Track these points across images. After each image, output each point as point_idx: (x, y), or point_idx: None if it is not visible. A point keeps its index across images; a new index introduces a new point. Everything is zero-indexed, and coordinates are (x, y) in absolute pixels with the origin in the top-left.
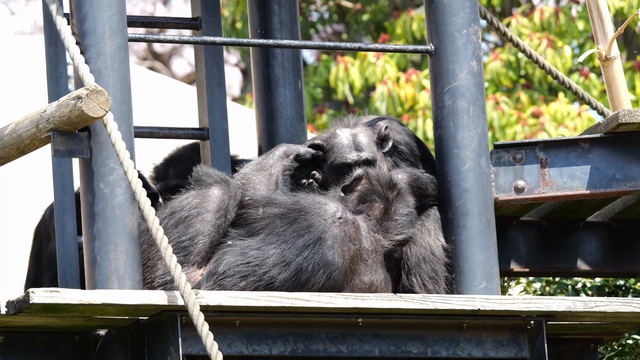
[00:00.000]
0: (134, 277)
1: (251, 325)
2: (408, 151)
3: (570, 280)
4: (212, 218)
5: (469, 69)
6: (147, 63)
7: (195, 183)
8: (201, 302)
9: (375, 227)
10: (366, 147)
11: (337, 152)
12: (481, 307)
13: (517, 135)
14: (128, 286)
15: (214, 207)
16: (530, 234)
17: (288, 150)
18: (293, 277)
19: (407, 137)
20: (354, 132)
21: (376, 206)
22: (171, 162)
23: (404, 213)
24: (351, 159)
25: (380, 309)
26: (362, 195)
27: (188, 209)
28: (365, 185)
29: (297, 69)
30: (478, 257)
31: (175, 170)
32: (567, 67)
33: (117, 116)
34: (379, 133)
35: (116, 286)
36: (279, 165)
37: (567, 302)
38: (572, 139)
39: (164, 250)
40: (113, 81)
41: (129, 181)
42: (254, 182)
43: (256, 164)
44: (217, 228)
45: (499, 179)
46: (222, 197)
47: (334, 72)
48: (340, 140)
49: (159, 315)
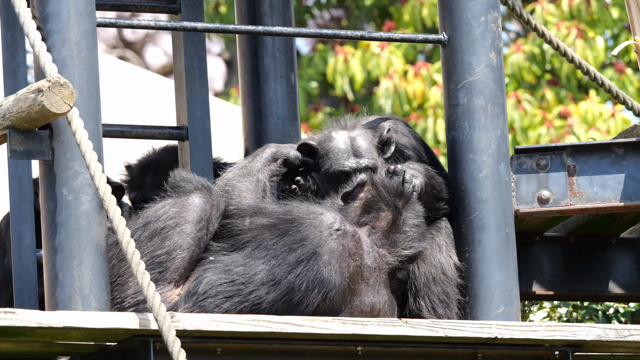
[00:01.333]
0: (101, 296)
1: (235, 354)
2: (415, 157)
3: (601, 305)
4: (192, 230)
5: (487, 61)
6: (118, 52)
7: (173, 190)
8: (178, 326)
9: (380, 241)
10: (366, 152)
11: (332, 158)
12: (498, 335)
13: (541, 139)
14: (94, 307)
15: (194, 217)
16: (555, 252)
17: (277, 153)
18: (284, 298)
19: (414, 140)
20: (352, 135)
21: (383, 216)
22: (149, 168)
23: (414, 224)
24: (349, 167)
25: (383, 336)
26: (366, 204)
27: (164, 219)
28: (371, 192)
29: (290, 60)
30: (495, 278)
31: (153, 178)
32: (600, 61)
33: (83, 112)
34: (381, 136)
35: (80, 307)
36: (266, 170)
37: (597, 330)
38: (605, 144)
39: (135, 266)
40: (79, 72)
41: (96, 187)
42: (239, 188)
43: (241, 168)
44: (198, 242)
45: (520, 188)
46: (203, 206)
47: (331, 64)
48: (336, 144)
49: (129, 340)
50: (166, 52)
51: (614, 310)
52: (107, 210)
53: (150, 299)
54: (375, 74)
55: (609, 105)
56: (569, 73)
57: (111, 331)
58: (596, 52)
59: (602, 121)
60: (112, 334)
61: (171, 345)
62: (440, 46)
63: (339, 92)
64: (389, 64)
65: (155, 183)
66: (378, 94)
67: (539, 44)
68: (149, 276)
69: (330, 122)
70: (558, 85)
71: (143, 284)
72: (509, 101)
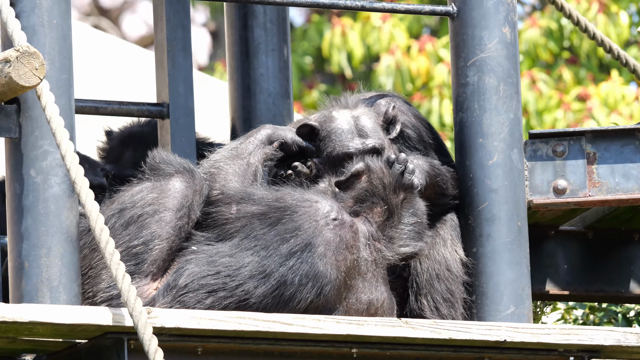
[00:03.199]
0: (71, 289)
1: (217, 354)
2: (416, 137)
3: (621, 307)
4: (172, 218)
5: (500, 36)
6: (92, 20)
7: (151, 172)
8: (155, 322)
9: (377, 234)
10: (372, 132)
11: (335, 139)
12: (508, 338)
13: (557, 123)
14: (63, 300)
15: (175, 204)
16: (572, 248)
17: (273, 135)
18: (274, 292)
19: (414, 119)
20: (355, 115)
21: (377, 210)
22: (130, 142)
23: (410, 222)
24: (354, 148)
25: (381, 337)
26: (359, 196)
27: (142, 205)
28: (364, 184)
29: (283, 32)
30: (506, 275)
31: (133, 153)
32: (623, 39)
33: (54, 86)
34: (386, 114)
35: (48, 300)
36: (259, 153)
37: (617, 335)
38: (628, 129)
39: (109, 256)
40: (50, 41)
41: (67, 168)
42: (227, 172)
43: (231, 149)
44: (178, 231)
45: (534, 177)
46: (184, 191)
47: (327, 38)
48: (339, 124)
49: (101, 338)
50: (146, 22)
51: (635, 312)
52: (79, 193)
53: (124, 292)
54: (375, 49)
55: (632, 87)
56: (589, 51)
57: (81, 327)
58: (619, 29)
59: (624, 105)
60: (82, 330)
61: (147, 343)
62: (449, 19)
63: (335, 69)
64: (391, 39)
65: (135, 159)
66: (378, 71)
67: (556, 18)
68: (124, 267)
69: (329, 101)
70: (577, 64)
71: (117, 276)
72: (523, 81)
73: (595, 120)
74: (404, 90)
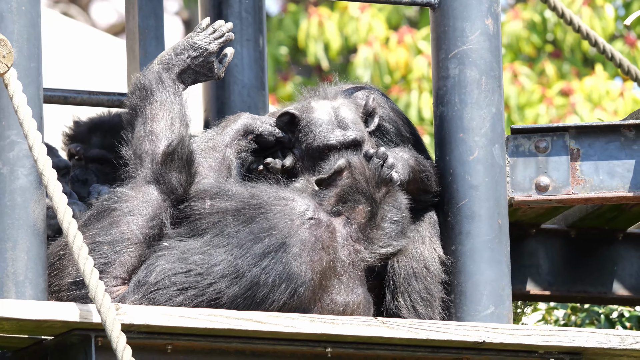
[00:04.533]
0: (38, 284)
1: (187, 353)
2: (394, 130)
3: (604, 308)
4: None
5: (482, 28)
6: (61, 7)
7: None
8: (123, 319)
9: (357, 235)
10: (352, 124)
11: (315, 131)
12: (487, 339)
13: (540, 119)
14: (29, 295)
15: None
16: (554, 247)
17: (250, 126)
18: (246, 293)
19: (392, 112)
20: (335, 106)
21: (360, 209)
22: (98, 129)
23: (393, 219)
24: (335, 140)
25: (356, 337)
26: (342, 194)
27: (115, 201)
28: (347, 180)
29: (259, 22)
30: (485, 275)
31: (100, 140)
32: (609, 33)
33: (22, 74)
34: (365, 106)
35: (13, 295)
36: (234, 145)
37: (599, 336)
38: (613, 125)
39: (77, 250)
40: (18, 28)
41: (35, 159)
42: (201, 165)
43: (207, 140)
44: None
45: (516, 173)
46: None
47: (304, 28)
48: (319, 115)
49: (67, 334)
50: (117, 9)
51: (618, 314)
52: (47, 185)
53: (92, 287)
54: (353, 40)
55: (617, 82)
56: (573, 45)
57: (47, 323)
58: (605, 22)
59: (609, 100)
60: (48, 326)
61: (115, 340)
62: (430, 9)
63: (311, 60)
64: (369, 30)
65: (102, 144)
66: (356, 63)
67: (540, 10)
68: (92, 262)
69: (307, 92)
70: (560, 58)
71: (85, 271)
72: (505, 75)
73: (578, 116)
74: (382, 83)
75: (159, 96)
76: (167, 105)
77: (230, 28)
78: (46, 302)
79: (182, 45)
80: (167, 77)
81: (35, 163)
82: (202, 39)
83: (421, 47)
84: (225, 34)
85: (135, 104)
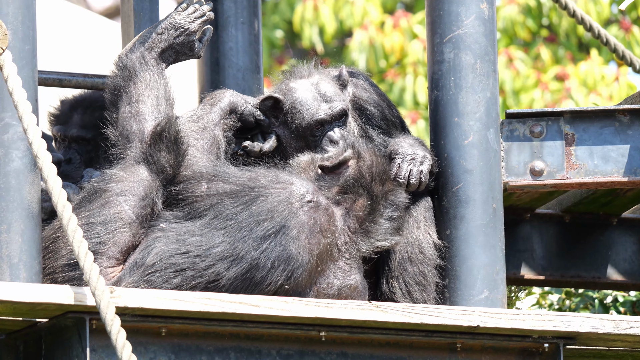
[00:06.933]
0: (32, 266)
1: (181, 336)
2: (379, 114)
3: (598, 293)
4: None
5: (477, 12)
6: None
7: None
8: (118, 302)
9: (354, 226)
10: (335, 95)
11: (302, 109)
12: (481, 323)
13: (534, 103)
14: (23, 278)
15: (140, 191)
16: (548, 232)
17: (234, 104)
18: (245, 275)
19: (376, 95)
20: (313, 82)
21: (360, 202)
22: (79, 105)
23: (391, 216)
24: (324, 113)
25: (350, 321)
26: (345, 184)
27: (107, 182)
28: (352, 171)
29: (254, 5)
30: (480, 259)
31: (81, 116)
32: (604, 17)
33: (17, 57)
34: (340, 77)
35: (8, 277)
36: (221, 124)
37: (593, 321)
38: (608, 110)
39: (72, 233)
40: (13, 10)
41: (30, 142)
42: (195, 147)
43: (196, 120)
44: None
45: (510, 158)
46: (151, 183)
47: (299, 12)
48: (302, 94)
49: (62, 317)
50: None
51: (613, 299)
52: (42, 168)
53: (87, 270)
54: (348, 24)
55: (612, 67)
56: (569, 29)
57: (42, 306)
58: (600, 7)
59: (604, 85)
60: (42, 309)
61: (109, 323)
62: None
63: (306, 44)
64: (364, 14)
65: (82, 121)
66: (351, 47)
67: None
68: (86, 245)
69: (283, 74)
70: (555, 42)
71: (80, 254)
72: (500, 60)
73: (573, 101)
74: (377, 67)
75: (143, 76)
76: (152, 85)
77: (210, 8)
78: (40, 285)
79: (163, 25)
80: (150, 57)
81: (29, 145)
82: (183, 18)
83: (416, 31)
84: (205, 13)
85: (118, 85)
